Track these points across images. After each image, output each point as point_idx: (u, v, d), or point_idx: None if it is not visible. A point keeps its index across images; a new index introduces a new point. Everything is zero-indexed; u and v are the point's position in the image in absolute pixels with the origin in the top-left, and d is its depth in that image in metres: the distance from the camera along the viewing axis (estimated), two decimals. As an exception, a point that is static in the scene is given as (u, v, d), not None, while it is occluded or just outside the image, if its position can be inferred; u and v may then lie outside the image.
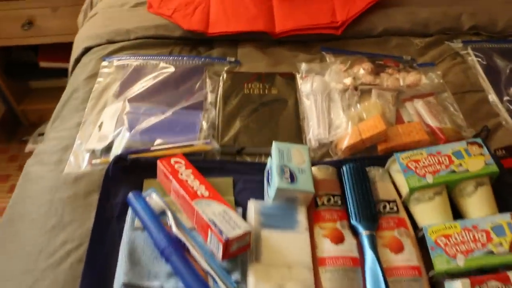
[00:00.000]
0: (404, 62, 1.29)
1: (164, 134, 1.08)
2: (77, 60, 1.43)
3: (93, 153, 1.07)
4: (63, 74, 1.71)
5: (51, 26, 2.06)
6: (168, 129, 1.09)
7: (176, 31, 1.38)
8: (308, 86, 1.20)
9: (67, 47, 1.58)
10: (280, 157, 0.94)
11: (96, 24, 1.49)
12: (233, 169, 1.05)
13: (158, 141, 1.06)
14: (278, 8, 1.42)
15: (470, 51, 1.32)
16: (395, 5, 1.45)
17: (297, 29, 1.35)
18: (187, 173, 0.96)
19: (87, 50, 1.41)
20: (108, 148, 1.07)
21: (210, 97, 1.20)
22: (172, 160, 0.99)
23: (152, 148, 1.06)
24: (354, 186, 0.96)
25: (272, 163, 0.94)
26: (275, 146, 0.96)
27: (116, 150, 1.06)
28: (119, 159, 1.02)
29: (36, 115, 2.42)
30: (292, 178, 0.91)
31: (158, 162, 0.99)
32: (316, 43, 1.38)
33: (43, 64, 2.25)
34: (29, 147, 2.29)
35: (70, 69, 1.48)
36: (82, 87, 1.26)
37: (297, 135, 1.12)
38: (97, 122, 1.14)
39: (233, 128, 1.12)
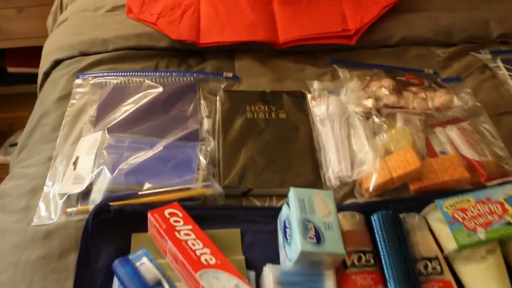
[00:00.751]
0: (425, 76, 1.08)
1: (155, 175, 0.84)
2: (47, 74, 1.17)
3: (67, 198, 0.83)
4: (34, 79, 1.44)
5: (17, 29, 1.77)
6: (159, 169, 0.86)
7: (161, 41, 1.12)
8: (322, 109, 0.97)
9: (37, 50, 1.32)
10: (301, 209, 0.72)
11: (67, 32, 1.22)
12: (240, 216, 0.83)
13: (147, 184, 0.83)
14: (280, 14, 1.18)
15: (500, 63, 1.11)
16: (413, 10, 1.23)
17: (304, 38, 1.11)
18: (186, 231, 0.73)
19: (57, 63, 1.15)
20: (86, 193, 0.83)
21: (206, 124, 0.96)
22: (166, 212, 0.76)
23: (140, 193, 0.82)
24: (388, 240, 0.76)
25: (291, 216, 0.72)
26: (294, 195, 0.74)
27: (96, 196, 0.82)
28: (100, 209, 0.78)
29: (5, 123, 2.13)
30: (318, 237, 0.70)
31: (149, 214, 0.75)
32: (324, 53, 1.15)
33: (11, 69, 1.96)
34: (0, 158, 2.01)
35: (38, 83, 1.21)
36: (53, 111, 1.01)
37: (314, 171, 0.90)
38: (71, 157, 0.89)
39: (237, 164, 0.89)
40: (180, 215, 0.77)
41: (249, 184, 0.87)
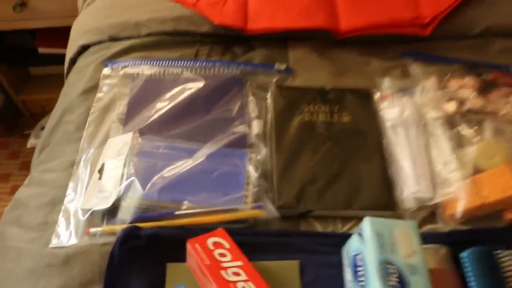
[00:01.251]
0: (514, 74, 0.87)
1: (195, 192, 0.67)
2: (73, 61, 1.00)
3: (91, 215, 0.67)
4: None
5: (47, 8, 1.60)
6: (201, 183, 0.68)
7: (203, 26, 0.93)
8: (395, 113, 0.78)
9: (69, 31, 1.15)
10: (380, 247, 0.54)
11: (96, 13, 1.03)
12: (298, 244, 0.66)
13: (186, 203, 0.66)
14: (342, -3, 0.97)
15: None
16: (501, -8, 1.00)
17: (370, 26, 0.90)
18: (235, 269, 0.56)
19: (84, 48, 0.98)
20: (112, 209, 0.67)
21: (256, 126, 0.78)
22: (210, 241, 0.59)
23: (178, 213, 0.65)
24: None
25: (367, 254, 0.55)
26: (370, 227, 0.56)
27: (125, 214, 0.66)
28: (128, 234, 0.62)
29: (37, 105, 1.99)
30: (402, 284, 0.52)
31: (188, 245, 0.59)
32: (393, 44, 0.94)
33: (42, 50, 1.81)
34: (31, 142, 1.87)
35: (65, 71, 1.05)
36: (77, 106, 0.84)
37: (386, 190, 0.71)
38: (96, 163, 0.73)
39: (295, 178, 0.71)
40: (227, 246, 0.60)
41: (310, 205, 0.69)
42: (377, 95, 0.83)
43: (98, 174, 0.70)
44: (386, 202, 0.70)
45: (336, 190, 0.71)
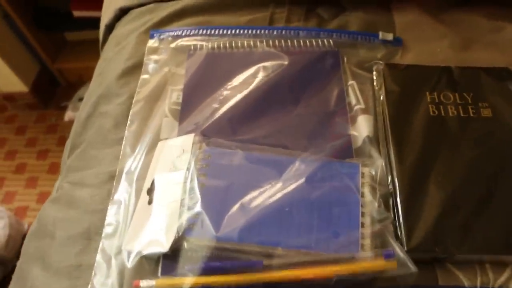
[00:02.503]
0: None
1: (292, 232, 0.42)
2: (109, 28, 0.76)
3: (140, 261, 0.44)
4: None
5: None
6: (299, 219, 0.43)
7: (278, -20, 0.66)
8: None
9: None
10: None
11: (137, -34, 0.77)
12: None
13: (280, 248, 0.42)
14: None
15: None
16: None
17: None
18: None
19: (123, 12, 0.73)
20: (172, 253, 0.43)
21: (364, 125, 0.51)
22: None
23: (267, 263, 0.42)
24: None
25: None
26: None
27: (189, 261, 0.42)
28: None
29: (75, 74, 1.76)
30: None
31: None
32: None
33: (77, 13, 1.56)
34: (68, 114, 1.67)
35: (100, 40, 0.81)
36: (115, 92, 0.60)
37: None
38: (143, 178, 0.49)
39: (427, 206, 0.45)
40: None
41: (453, 247, 0.44)
42: (522, 75, 0.57)
43: (147, 195, 0.47)
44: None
45: (488, 224, 0.45)
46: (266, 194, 0.44)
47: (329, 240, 0.42)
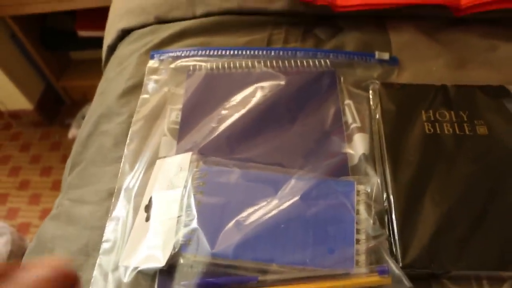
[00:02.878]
0: None
1: (287, 248, 0.42)
2: (112, 48, 0.77)
3: (136, 277, 0.44)
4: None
5: (88, -14, 1.39)
6: (295, 236, 0.43)
7: (276, 1, 0.67)
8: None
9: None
10: None
11: (139, -11, 0.79)
12: None
13: (275, 264, 0.42)
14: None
15: None
16: None
17: (500, -1, 0.64)
18: None
19: (126, 33, 0.75)
20: (168, 268, 0.44)
21: (360, 143, 0.52)
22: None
23: (261, 279, 0.42)
24: None
25: None
26: None
27: (185, 277, 0.42)
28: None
29: (79, 92, 1.79)
30: None
31: None
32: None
33: (82, 33, 1.59)
34: (72, 132, 1.68)
35: (103, 60, 0.82)
36: (116, 111, 0.61)
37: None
38: (141, 195, 0.50)
39: (423, 222, 0.46)
40: None
41: (448, 264, 0.44)
42: (517, 94, 0.58)
43: (145, 213, 0.48)
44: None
45: (483, 240, 0.45)
46: (262, 211, 0.44)
47: (324, 256, 0.42)
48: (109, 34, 0.78)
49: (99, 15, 1.42)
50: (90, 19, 1.60)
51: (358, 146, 0.52)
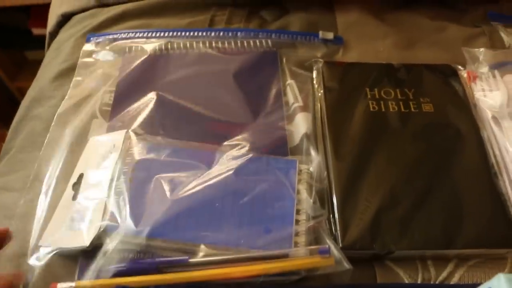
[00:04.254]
0: None
1: (220, 227, 0.40)
2: (53, 35, 0.73)
3: (56, 257, 0.41)
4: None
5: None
6: (229, 214, 0.40)
7: (219, -18, 0.65)
8: (497, 98, 0.51)
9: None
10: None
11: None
12: None
13: (206, 244, 0.39)
14: None
15: None
16: None
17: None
18: None
19: (66, 18, 0.71)
20: (91, 250, 0.40)
21: (302, 122, 0.50)
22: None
23: (193, 260, 0.39)
24: None
25: None
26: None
27: (110, 259, 0.39)
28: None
29: (35, 93, 1.73)
30: None
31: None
32: (473, 3, 0.65)
33: (36, 30, 1.53)
34: (27, 134, 1.62)
35: (45, 49, 0.78)
36: (48, 94, 0.57)
37: (500, 215, 0.44)
38: (69, 175, 0.46)
39: (365, 203, 0.44)
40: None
41: (391, 243, 0.42)
42: (463, 74, 0.57)
43: (72, 191, 0.44)
44: (506, 235, 0.43)
45: (427, 219, 0.43)
46: (193, 187, 0.41)
47: (259, 236, 0.39)
48: (50, 20, 0.74)
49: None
50: (45, 16, 1.55)
51: (300, 126, 0.50)
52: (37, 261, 0.40)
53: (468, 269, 0.43)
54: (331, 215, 0.44)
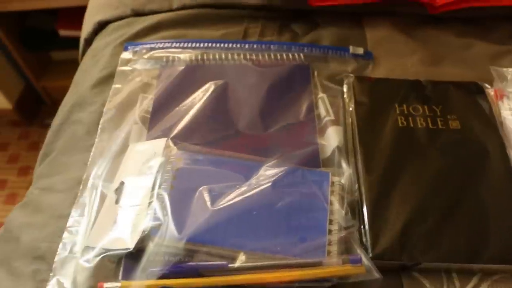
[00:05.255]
0: None
1: (258, 235, 0.41)
2: (88, 42, 0.75)
3: (101, 262, 0.43)
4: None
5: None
6: (266, 223, 0.42)
7: (252, -4, 0.67)
8: (528, 117, 0.52)
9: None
10: None
11: (117, -18, 0.77)
12: None
13: (245, 251, 0.41)
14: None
15: None
16: None
17: (477, -3, 0.64)
18: None
19: (102, 26, 0.73)
20: (135, 253, 0.42)
21: (334, 135, 0.51)
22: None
23: (232, 266, 0.41)
24: None
25: None
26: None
27: (153, 263, 0.41)
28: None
29: (59, 92, 1.73)
30: None
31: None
32: (500, 22, 0.66)
33: (63, 32, 1.56)
34: (51, 132, 1.65)
35: (80, 54, 0.81)
36: (89, 101, 0.59)
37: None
38: (111, 180, 0.48)
39: (394, 214, 0.45)
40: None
41: (419, 255, 0.43)
42: (490, 92, 0.58)
43: (115, 196, 0.46)
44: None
45: (454, 232, 0.45)
46: (233, 198, 0.43)
47: (295, 245, 0.41)
48: (86, 27, 0.76)
49: (81, 14, 1.41)
50: (71, 18, 1.57)
51: (331, 139, 0.51)
52: (86, 262, 0.43)
53: (493, 284, 0.44)
54: (361, 226, 0.45)
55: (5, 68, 1.63)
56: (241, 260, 0.41)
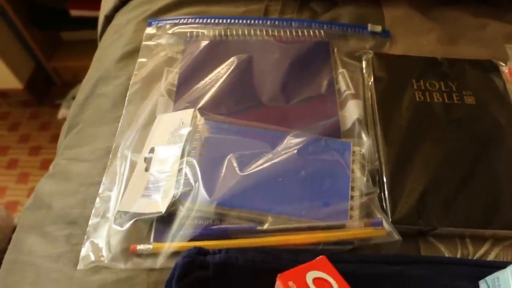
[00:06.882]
0: None
1: (284, 200, 0.44)
2: (109, 19, 0.77)
3: (134, 225, 0.45)
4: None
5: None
6: (291, 188, 0.45)
7: (272, -26, 0.68)
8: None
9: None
10: None
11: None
12: (421, 277, 0.42)
13: (272, 214, 0.43)
14: None
15: None
16: None
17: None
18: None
19: (123, 3, 0.75)
20: (167, 217, 0.45)
21: (354, 108, 0.54)
22: (310, 277, 0.37)
23: (260, 228, 0.44)
24: None
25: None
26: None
27: (183, 226, 0.43)
28: (191, 263, 0.40)
29: (70, 73, 1.77)
30: None
31: (280, 281, 0.36)
32: (514, 2, 0.69)
33: (74, 12, 1.57)
34: (62, 112, 1.67)
35: (98, 31, 0.82)
36: (114, 74, 0.61)
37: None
38: (140, 148, 0.51)
39: (412, 182, 0.48)
40: (335, 285, 0.38)
41: (435, 221, 0.46)
42: (504, 70, 0.60)
43: (144, 164, 0.49)
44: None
45: (468, 200, 0.47)
46: (260, 164, 0.46)
47: (319, 209, 0.44)
48: (106, 4, 0.78)
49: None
50: (84, -3, 1.59)
51: (352, 111, 0.54)
52: (119, 226, 0.45)
53: (503, 249, 0.46)
54: (381, 193, 0.48)
55: (15, 48, 1.65)
56: (268, 223, 0.43)
